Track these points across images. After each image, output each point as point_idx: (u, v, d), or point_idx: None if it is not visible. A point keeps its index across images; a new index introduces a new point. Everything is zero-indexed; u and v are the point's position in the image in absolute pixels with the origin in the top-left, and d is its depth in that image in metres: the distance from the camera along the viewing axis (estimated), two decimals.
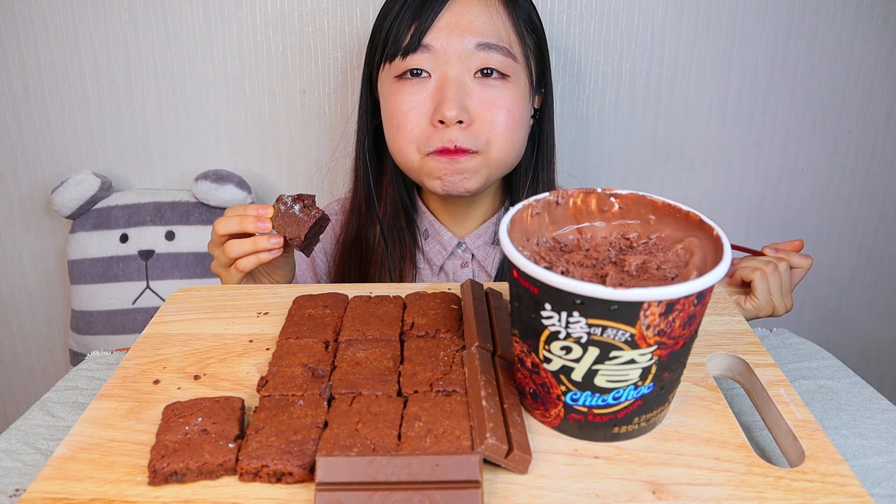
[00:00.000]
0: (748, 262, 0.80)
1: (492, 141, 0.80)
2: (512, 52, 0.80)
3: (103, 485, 0.43)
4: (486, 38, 0.79)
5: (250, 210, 0.71)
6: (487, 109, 0.79)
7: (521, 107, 0.81)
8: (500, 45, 0.79)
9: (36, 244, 1.22)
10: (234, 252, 0.71)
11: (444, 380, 0.49)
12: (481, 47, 0.79)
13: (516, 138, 0.82)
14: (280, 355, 0.53)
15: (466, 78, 0.79)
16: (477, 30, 0.79)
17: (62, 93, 1.13)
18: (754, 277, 0.77)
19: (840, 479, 0.42)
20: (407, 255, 0.91)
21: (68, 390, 0.63)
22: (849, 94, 1.13)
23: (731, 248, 0.45)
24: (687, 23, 1.08)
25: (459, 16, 0.79)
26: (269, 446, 0.44)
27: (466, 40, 0.78)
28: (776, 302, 0.78)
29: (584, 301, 0.40)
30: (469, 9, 0.79)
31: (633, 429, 0.46)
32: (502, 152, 0.81)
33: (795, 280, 0.81)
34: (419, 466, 0.41)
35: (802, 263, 0.81)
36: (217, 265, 0.75)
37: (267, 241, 0.70)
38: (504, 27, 0.80)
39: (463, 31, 0.78)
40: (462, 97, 0.78)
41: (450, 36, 0.78)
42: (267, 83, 1.12)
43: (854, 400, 0.59)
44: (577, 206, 0.51)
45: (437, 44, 0.79)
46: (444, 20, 0.79)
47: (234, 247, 0.71)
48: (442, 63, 0.79)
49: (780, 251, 0.81)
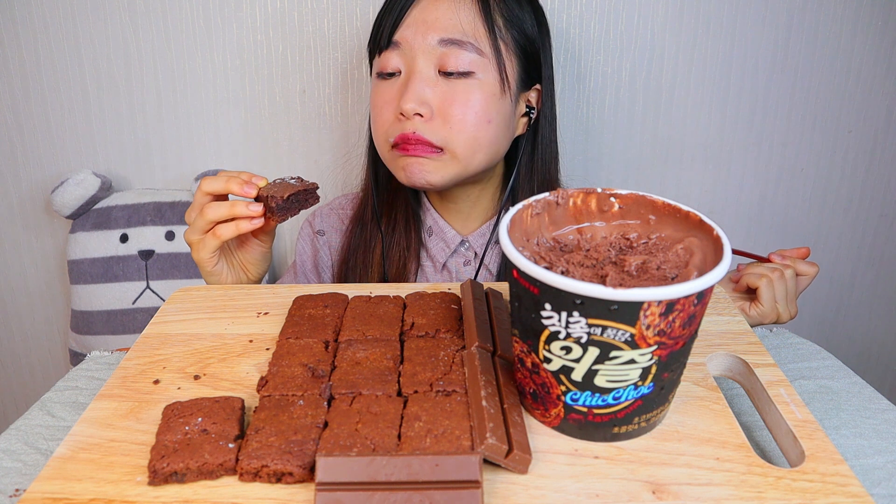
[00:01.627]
0: (754, 268, 0.80)
1: (452, 137, 0.80)
2: (478, 47, 0.79)
3: (103, 485, 0.43)
4: (450, 33, 0.79)
5: (243, 175, 0.71)
6: (449, 105, 0.79)
7: (486, 104, 0.80)
8: (463, 41, 0.79)
9: (36, 244, 1.22)
10: (212, 214, 0.69)
11: (444, 380, 0.49)
12: (443, 43, 0.79)
13: (480, 135, 0.81)
14: (280, 355, 0.53)
15: (431, 73, 0.80)
16: (441, 26, 0.79)
17: (62, 92, 1.13)
18: (760, 285, 0.77)
19: (840, 479, 0.42)
20: (412, 248, 0.91)
21: (68, 390, 0.63)
22: (849, 93, 1.13)
23: (732, 252, 0.45)
24: (687, 22, 1.08)
25: (426, 12, 0.79)
26: (269, 446, 0.44)
27: (430, 36, 0.79)
28: (781, 309, 0.78)
29: (584, 301, 0.40)
30: (437, 5, 0.80)
31: (633, 429, 0.46)
32: (466, 149, 0.80)
33: (801, 287, 0.81)
34: (419, 466, 0.41)
35: (809, 271, 0.80)
36: (192, 232, 0.72)
37: (245, 208, 0.69)
38: (470, 22, 0.79)
39: (428, 27, 0.79)
40: (423, 91, 0.79)
41: (415, 32, 0.79)
42: (267, 83, 1.12)
43: (854, 400, 0.59)
44: (577, 206, 0.51)
45: (405, 40, 0.80)
46: (413, 16, 0.80)
47: (212, 208, 0.69)
48: (409, 59, 0.80)
49: (786, 258, 0.81)
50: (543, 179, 0.89)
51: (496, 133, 0.82)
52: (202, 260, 0.73)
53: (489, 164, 0.85)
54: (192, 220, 0.72)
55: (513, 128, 0.86)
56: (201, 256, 0.72)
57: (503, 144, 0.85)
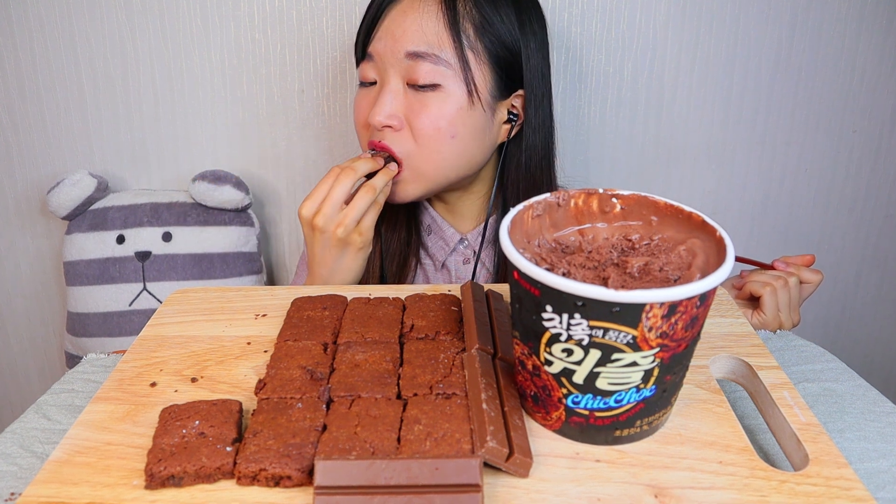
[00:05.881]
0: (758, 276, 0.79)
1: (415, 151, 0.80)
2: (444, 58, 0.78)
3: (99, 489, 0.43)
4: (415, 45, 0.78)
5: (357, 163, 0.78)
6: (415, 117, 0.79)
7: (451, 117, 0.79)
8: (428, 53, 0.78)
9: (31, 245, 1.22)
10: (378, 183, 0.78)
11: (444, 382, 0.49)
12: (409, 56, 0.78)
13: (443, 149, 0.80)
14: (278, 357, 0.53)
15: (400, 86, 0.80)
16: (407, 38, 0.78)
17: (58, 92, 1.12)
18: (764, 293, 0.77)
19: (844, 483, 0.42)
20: (412, 247, 0.91)
21: (64, 393, 0.62)
22: (853, 92, 1.13)
23: (739, 259, 0.44)
24: (689, 21, 1.08)
25: (395, 24, 0.79)
26: (268, 450, 0.43)
27: (397, 48, 0.79)
28: (783, 318, 0.77)
29: (585, 303, 0.40)
30: (405, 16, 0.79)
31: (635, 432, 0.46)
32: (429, 162, 0.81)
33: (804, 295, 0.81)
34: (419, 470, 0.40)
35: (813, 279, 0.80)
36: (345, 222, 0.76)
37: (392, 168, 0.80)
38: (435, 34, 0.78)
39: (395, 39, 0.79)
40: (390, 105, 0.80)
41: (385, 44, 0.80)
42: (265, 82, 1.12)
43: (859, 403, 0.59)
44: (578, 207, 0.51)
45: (376, 52, 0.81)
46: (383, 28, 0.80)
47: (376, 181, 0.78)
48: (381, 71, 0.81)
49: (790, 265, 0.80)
50: (531, 185, 0.87)
51: (463, 147, 0.81)
52: (368, 237, 0.78)
53: (462, 175, 0.84)
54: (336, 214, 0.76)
55: (491, 137, 0.84)
56: (367, 235, 0.78)
57: (476, 155, 0.84)
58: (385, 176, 0.79)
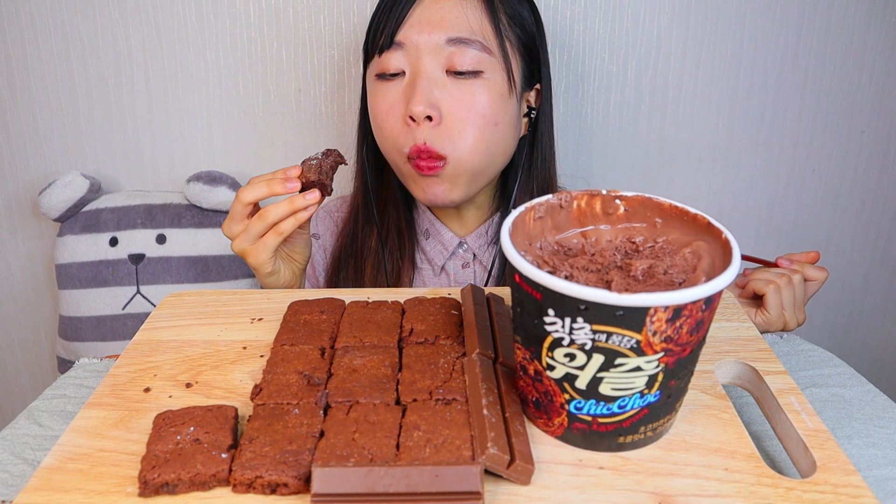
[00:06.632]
0: (761, 274, 0.78)
1: (460, 141, 0.78)
2: (486, 45, 0.78)
3: (92, 496, 0.43)
4: (457, 32, 0.77)
5: (277, 173, 0.71)
6: (458, 107, 0.78)
7: (494, 104, 0.79)
8: (472, 39, 0.78)
9: (22, 247, 1.21)
10: (273, 216, 0.70)
11: (443, 388, 0.49)
12: (452, 42, 0.77)
13: (487, 137, 0.79)
14: (275, 362, 0.53)
15: (438, 74, 0.78)
16: (448, 24, 0.77)
17: (49, 91, 1.11)
18: (767, 291, 0.76)
19: (852, 490, 0.42)
20: (406, 255, 0.90)
21: (56, 398, 0.62)
22: (861, 92, 1.12)
23: (741, 256, 0.44)
24: (694, 20, 1.07)
25: (430, 11, 0.78)
26: (264, 456, 0.43)
27: (436, 35, 0.77)
28: (787, 316, 0.76)
29: (588, 306, 0.40)
30: (441, 4, 0.78)
31: (639, 438, 0.45)
32: (474, 154, 0.79)
33: (809, 293, 0.80)
34: (418, 477, 0.40)
35: (817, 276, 0.79)
36: (245, 240, 0.72)
37: (303, 199, 0.70)
38: (477, 20, 0.78)
39: (433, 26, 0.78)
40: (431, 93, 0.77)
41: (420, 31, 0.78)
42: (261, 82, 1.11)
43: (867, 409, 0.59)
44: (581, 208, 0.51)
45: (409, 40, 0.78)
46: (416, 16, 0.78)
47: (272, 211, 0.70)
48: (414, 59, 0.79)
49: (794, 262, 0.79)
50: (543, 180, 0.88)
51: (504, 134, 0.81)
52: (262, 263, 0.73)
53: (499, 166, 0.85)
54: (241, 230, 0.73)
55: (518, 128, 0.85)
56: (261, 260, 0.73)
57: (511, 146, 0.85)
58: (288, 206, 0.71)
